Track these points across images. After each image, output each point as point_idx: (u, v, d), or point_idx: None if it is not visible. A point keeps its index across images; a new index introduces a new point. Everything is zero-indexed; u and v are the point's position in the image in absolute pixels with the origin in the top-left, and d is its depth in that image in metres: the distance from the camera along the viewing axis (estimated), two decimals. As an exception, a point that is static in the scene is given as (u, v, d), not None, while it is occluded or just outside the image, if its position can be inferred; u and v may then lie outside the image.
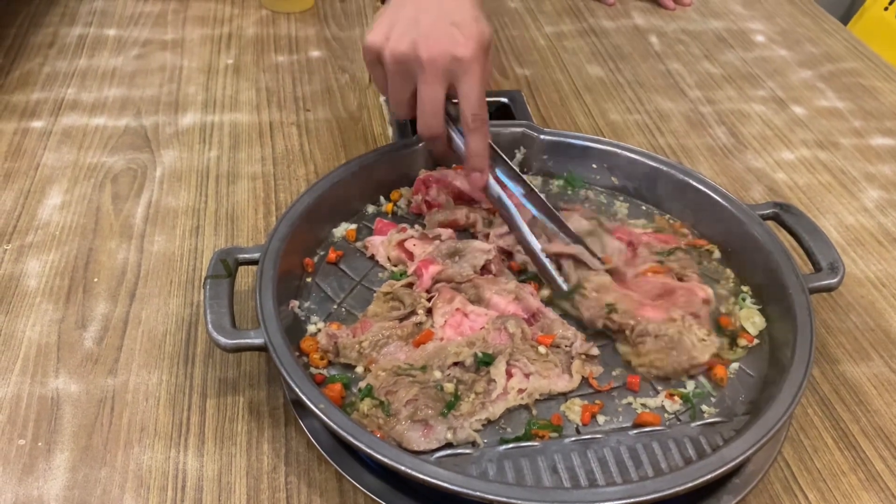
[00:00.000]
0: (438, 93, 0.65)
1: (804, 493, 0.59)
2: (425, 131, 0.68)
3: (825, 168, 0.92)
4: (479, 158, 0.67)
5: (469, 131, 0.66)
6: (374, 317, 0.65)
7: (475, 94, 0.64)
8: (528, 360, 0.60)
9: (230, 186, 0.83)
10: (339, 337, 0.62)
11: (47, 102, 0.93)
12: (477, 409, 0.58)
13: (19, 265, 0.73)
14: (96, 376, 0.64)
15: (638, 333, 0.62)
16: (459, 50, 0.63)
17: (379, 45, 0.66)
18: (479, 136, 0.66)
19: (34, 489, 0.56)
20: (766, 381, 0.62)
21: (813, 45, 1.16)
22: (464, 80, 0.64)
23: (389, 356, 0.62)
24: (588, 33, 1.15)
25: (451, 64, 0.63)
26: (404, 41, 0.64)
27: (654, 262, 0.69)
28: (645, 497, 0.50)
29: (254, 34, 1.09)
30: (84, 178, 0.83)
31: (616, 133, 0.95)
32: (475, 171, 0.68)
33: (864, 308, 0.74)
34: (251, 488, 0.57)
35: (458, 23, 0.63)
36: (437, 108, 0.66)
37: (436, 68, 0.64)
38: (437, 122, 0.67)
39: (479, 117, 0.65)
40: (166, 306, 0.70)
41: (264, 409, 0.62)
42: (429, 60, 0.63)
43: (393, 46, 0.64)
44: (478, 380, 0.59)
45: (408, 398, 0.57)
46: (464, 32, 0.63)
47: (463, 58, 0.63)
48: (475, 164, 0.67)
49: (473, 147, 0.67)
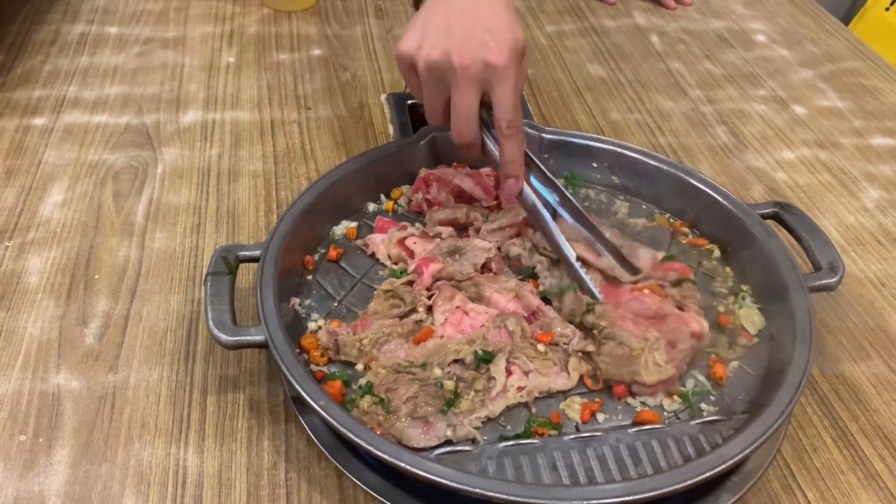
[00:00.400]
0: (472, 100, 0.64)
1: (803, 491, 0.59)
2: (460, 139, 0.67)
3: (825, 168, 0.92)
4: (514, 165, 0.66)
5: (503, 138, 0.65)
6: (374, 314, 0.65)
7: (509, 101, 0.63)
8: (527, 358, 0.61)
9: (231, 184, 0.83)
10: (340, 335, 0.62)
11: (49, 100, 0.94)
12: (477, 407, 0.58)
13: (21, 262, 0.73)
14: (97, 373, 0.64)
15: (605, 336, 0.62)
16: (492, 57, 0.62)
17: (412, 53, 0.65)
18: (513, 142, 0.65)
19: (35, 485, 0.56)
20: (766, 379, 0.62)
21: (814, 45, 1.16)
22: (497, 86, 0.63)
23: (390, 353, 0.62)
24: (589, 32, 1.15)
25: (485, 71, 0.63)
26: (437, 49, 0.63)
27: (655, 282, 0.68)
28: (644, 494, 0.50)
29: (255, 32, 1.09)
30: (85, 176, 0.83)
31: (617, 132, 0.95)
32: (510, 177, 0.67)
33: (863, 308, 0.74)
34: (251, 485, 0.57)
35: (491, 29, 0.63)
36: (471, 116, 0.65)
37: (469, 75, 0.63)
38: (471, 130, 0.66)
39: (513, 124, 0.64)
40: (167, 303, 0.70)
41: (264, 406, 0.62)
42: (462, 68, 0.63)
43: (426, 54, 0.64)
44: (478, 377, 0.59)
45: (408, 395, 0.58)
46: (497, 39, 0.62)
47: (496, 65, 0.62)
48: (510, 170, 0.67)
49: (508, 154, 0.66)
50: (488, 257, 0.69)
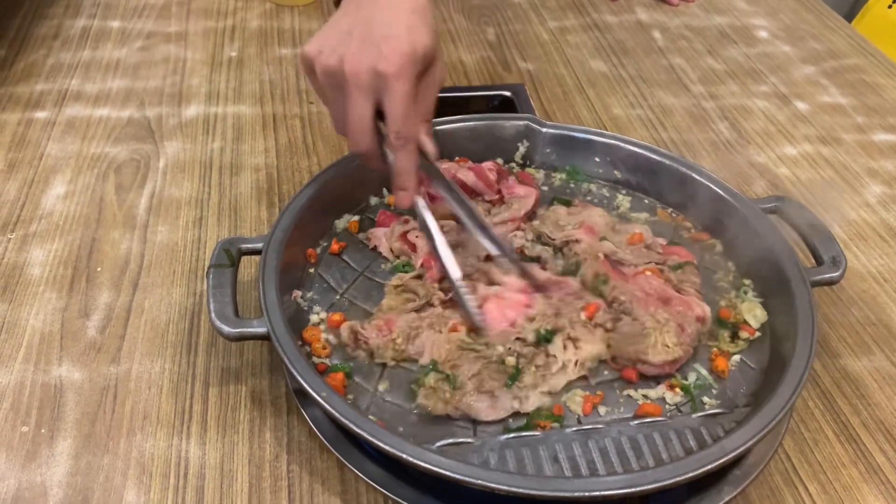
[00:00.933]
0: (364, 109, 0.61)
1: (804, 485, 0.59)
2: (354, 148, 0.64)
3: (827, 163, 0.92)
4: (405, 177, 0.64)
5: (394, 149, 0.63)
6: (389, 310, 0.65)
7: (398, 111, 0.60)
8: (580, 331, 0.62)
9: (233, 178, 0.83)
10: (370, 338, 0.62)
11: (51, 93, 0.94)
12: (539, 382, 0.59)
13: (23, 254, 0.73)
14: (99, 364, 0.64)
15: (623, 310, 0.63)
16: (382, 65, 0.59)
17: (312, 57, 0.62)
18: (403, 154, 0.63)
19: (37, 475, 0.56)
20: (768, 373, 0.62)
21: (816, 42, 1.16)
22: (387, 96, 0.60)
23: (422, 347, 0.62)
24: (591, 28, 1.15)
25: (374, 79, 0.60)
26: (334, 55, 0.61)
27: (654, 265, 0.69)
28: (646, 486, 0.50)
29: (257, 27, 1.09)
30: (88, 169, 0.83)
31: (619, 127, 0.95)
32: (400, 189, 0.65)
33: (865, 302, 0.74)
34: (253, 476, 0.57)
35: (388, 35, 0.60)
36: (363, 125, 0.62)
37: (359, 83, 0.60)
38: (365, 140, 0.63)
39: (402, 135, 0.62)
40: (169, 296, 0.70)
41: (266, 398, 0.62)
42: (352, 75, 0.60)
43: (323, 60, 0.61)
44: (537, 353, 0.61)
45: (472, 372, 0.59)
46: (390, 46, 0.59)
47: (385, 73, 0.59)
48: (399, 183, 0.65)
49: (399, 166, 0.64)
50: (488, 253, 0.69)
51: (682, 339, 0.62)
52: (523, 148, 0.82)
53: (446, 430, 0.58)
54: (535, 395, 0.59)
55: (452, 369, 0.59)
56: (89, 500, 0.55)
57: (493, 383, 0.59)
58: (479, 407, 0.58)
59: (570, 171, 0.81)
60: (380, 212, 0.74)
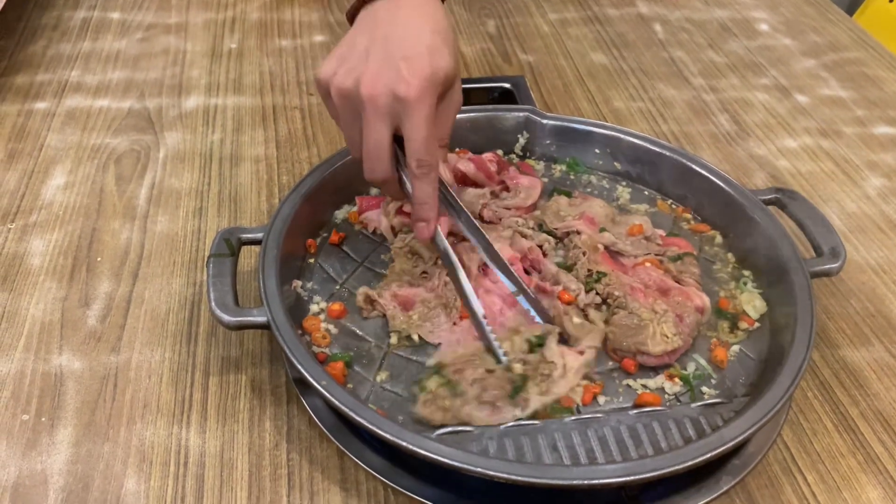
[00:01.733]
0: (382, 134, 0.58)
1: (803, 474, 0.59)
2: (370, 175, 0.61)
3: (828, 156, 0.92)
4: (426, 207, 0.61)
5: (414, 178, 0.60)
6: (401, 272, 0.66)
7: (420, 137, 0.57)
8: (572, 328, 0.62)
9: (233, 169, 0.83)
10: (388, 307, 0.64)
11: (51, 84, 0.94)
12: (545, 392, 0.58)
13: (23, 244, 0.73)
14: (99, 353, 0.64)
15: (618, 305, 0.63)
16: (402, 88, 0.56)
17: (327, 79, 0.59)
18: (425, 183, 0.60)
19: (37, 463, 0.56)
20: (767, 363, 0.62)
21: (817, 35, 1.15)
22: (407, 121, 0.57)
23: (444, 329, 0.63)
24: (592, 21, 1.15)
25: (394, 104, 0.57)
26: (350, 77, 0.58)
27: (654, 256, 0.69)
28: (645, 475, 0.50)
29: (258, 19, 1.09)
30: (88, 159, 0.83)
31: (619, 120, 0.95)
32: (420, 221, 0.62)
33: (864, 294, 0.74)
34: (253, 465, 0.57)
35: (408, 57, 0.57)
36: (380, 151, 0.59)
37: (376, 108, 0.57)
38: (382, 166, 0.60)
39: (424, 163, 0.58)
40: (169, 286, 0.70)
41: (266, 387, 0.62)
42: (369, 99, 0.57)
43: (338, 82, 0.58)
44: (542, 361, 0.60)
45: (475, 377, 0.58)
46: (411, 68, 0.56)
47: (405, 97, 0.56)
48: (420, 213, 0.61)
49: (419, 195, 0.60)
50: (484, 202, 0.72)
51: (681, 329, 0.62)
52: (523, 139, 0.82)
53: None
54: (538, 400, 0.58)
55: (455, 374, 0.59)
56: (89, 487, 0.55)
57: (494, 393, 0.57)
58: (478, 416, 0.57)
59: (570, 162, 0.81)
60: (358, 198, 0.74)
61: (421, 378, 0.60)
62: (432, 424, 0.57)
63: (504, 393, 0.58)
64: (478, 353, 0.61)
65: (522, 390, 0.58)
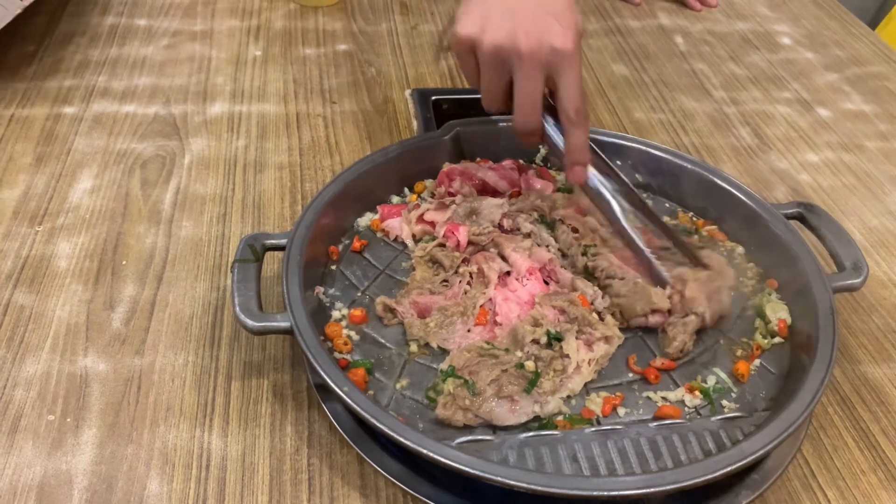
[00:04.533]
0: (538, 85, 0.63)
1: (823, 490, 0.59)
2: (524, 125, 0.65)
3: (849, 170, 0.92)
4: (582, 152, 0.65)
5: (572, 125, 0.64)
6: (422, 281, 0.67)
7: (576, 87, 0.62)
8: (591, 329, 0.63)
9: (257, 175, 0.84)
10: (405, 315, 0.64)
11: (79, 89, 0.95)
12: (558, 388, 0.60)
13: (50, 246, 0.74)
14: (124, 356, 0.65)
15: (607, 275, 0.66)
16: (559, 41, 0.60)
17: (475, 35, 0.63)
18: (581, 130, 0.64)
19: (63, 463, 0.57)
20: (788, 378, 0.62)
21: (839, 49, 1.15)
22: (564, 72, 0.62)
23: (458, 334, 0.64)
24: (613, 32, 1.16)
25: (551, 55, 0.61)
26: (502, 32, 0.61)
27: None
28: (664, 487, 0.50)
29: (282, 27, 1.10)
30: (114, 164, 0.84)
31: (640, 131, 0.95)
32: (577, 165, 0.66)
33: (886, 310, 0.74)
34: (274, 469, 0.58)
35: (555, 13, 0.61)
36: (536, 102, 0.64)
37: (535, 60, 0.61)
38: (535, 117, 0.64)
39: (581, 111, 0.63)
40: (193, 290, 0.71)
41: (288, 392, 0.63)
42: (528, 52, 0.61)
43: (491, 38, 0.62)
44: (555, 357, 0.61)
45: (491, 377, 0.59)
46: (562, 22, 0.61)
47: (563, 49, 0.60)
48: (577, 158, 0.65)
49: (575, 142, 0.64)
50: (503, 212, 0.72)
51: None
52: (544, 150, 0.82)
53: (466, 428, 0.58)
54: (555, 400, 0.59)
55: (471, 375, 0.59)
56: (113, 488, 0.56)
57: (512, 388, 0.59)
58: (499, 412, 0.58)
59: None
60: (380, 207, 0.75)
61: (436, 382, 0.60)
62: (455, 425, 0.57)
63: (520, 388, 0.59)
64: (484, 352, 0.61)
65: (536, 385, 0.59)
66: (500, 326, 0.64)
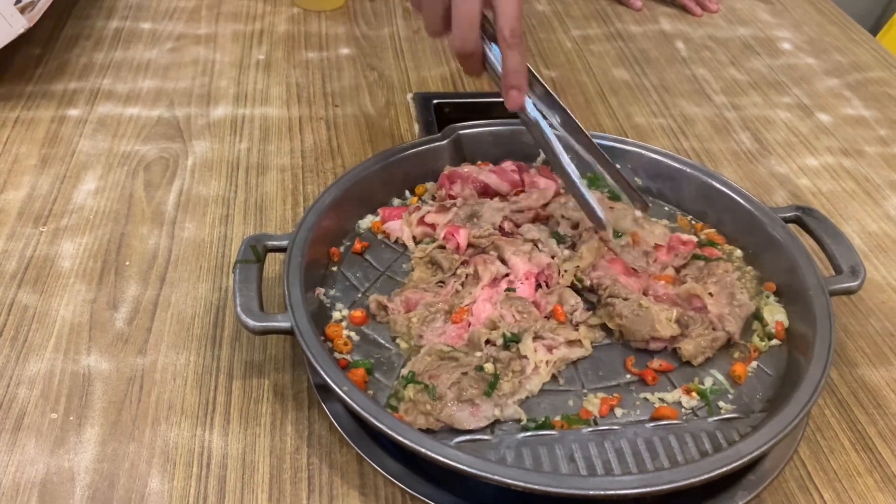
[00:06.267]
0: (474, 5, 0.63)
1: (819, 492, 0.59)
2: (461, 47, 0.65)
3: (849, 175, 0.92)
4: (518, 75, 0.65)
5: (507, 47, 0.63)
6: (419, 281, 0.68)
7: (512, 8, 0.62)
8: (551, 333, 0.63)
9: (259, 177, 0.85)
10: (393, 311, 0.65)
11: (83, 92, 0.96)
12: (517, 389, 0.60)
13: (54, 247, 0.75)
14: (126, 355, 0.65)
15: (610, 293, 0.65)
16: None
17: None
18: (517, 52, 0.64)
19: (65, 461, 0.58)
20: (784, 380, 0.62)
21: (840, 55, 1.16)
22: None
23: (437, 332, 0.64)
24: (615, 37, 1.16)
25: None
26: None
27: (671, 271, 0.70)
28: (661, 487, 0.51)
29: (285, 31, 1.11)
30: (118, 166, 0.85)
31: (640, 136, 0.95)
32: (513, 88, 0.65)
33: (884, 314, 0.74)
34: (274, 468, 0.58)
35: None
36: (473, 22, 0.63)
37: None
38: (473, 37, 0.64)
39: (517, 32, 0.63)
40: (195, 290, 0.71)
41: (288, 392, 0.63)
42: None
43: None
44: (513, 358, 0.61)
45: (451, 381, 0.59)
46: None
47: None
48: (513, 81, 0.65)
49: (511, 64, 0.64)
50: (504, 215, 0.73)
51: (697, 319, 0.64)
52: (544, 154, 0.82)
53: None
54: (513, 404, 0.59)
55: (431, 380, 0.59)
56: (115, 486, 0.56)
57: (472, 391, 0.58)
58: (460, 416, 0.57)
59: (591, 177, 0.81)
60: (381, 209, 0.76)
61: (397, 389, 0.60)
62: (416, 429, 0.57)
63: (480, 391, 0.59)
64: (444, 355, 0.61)
65: (496, 388, 0.59)
66: (473, 327, 0.64)
